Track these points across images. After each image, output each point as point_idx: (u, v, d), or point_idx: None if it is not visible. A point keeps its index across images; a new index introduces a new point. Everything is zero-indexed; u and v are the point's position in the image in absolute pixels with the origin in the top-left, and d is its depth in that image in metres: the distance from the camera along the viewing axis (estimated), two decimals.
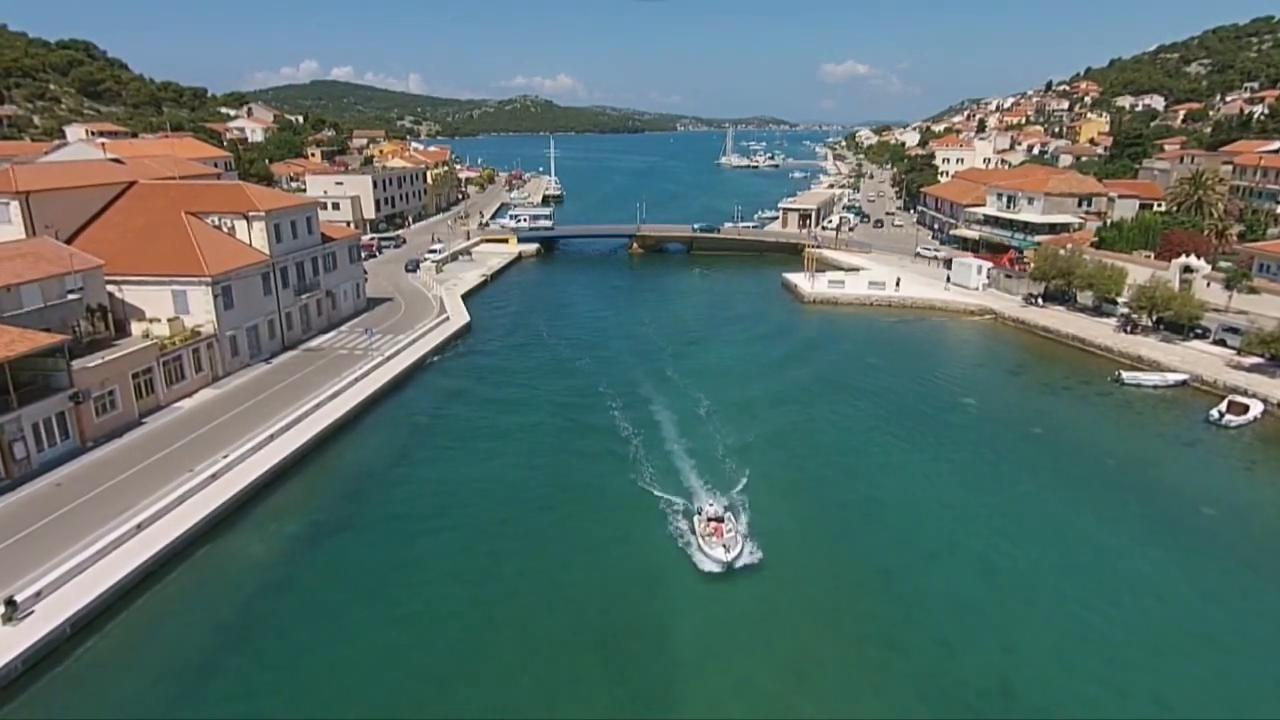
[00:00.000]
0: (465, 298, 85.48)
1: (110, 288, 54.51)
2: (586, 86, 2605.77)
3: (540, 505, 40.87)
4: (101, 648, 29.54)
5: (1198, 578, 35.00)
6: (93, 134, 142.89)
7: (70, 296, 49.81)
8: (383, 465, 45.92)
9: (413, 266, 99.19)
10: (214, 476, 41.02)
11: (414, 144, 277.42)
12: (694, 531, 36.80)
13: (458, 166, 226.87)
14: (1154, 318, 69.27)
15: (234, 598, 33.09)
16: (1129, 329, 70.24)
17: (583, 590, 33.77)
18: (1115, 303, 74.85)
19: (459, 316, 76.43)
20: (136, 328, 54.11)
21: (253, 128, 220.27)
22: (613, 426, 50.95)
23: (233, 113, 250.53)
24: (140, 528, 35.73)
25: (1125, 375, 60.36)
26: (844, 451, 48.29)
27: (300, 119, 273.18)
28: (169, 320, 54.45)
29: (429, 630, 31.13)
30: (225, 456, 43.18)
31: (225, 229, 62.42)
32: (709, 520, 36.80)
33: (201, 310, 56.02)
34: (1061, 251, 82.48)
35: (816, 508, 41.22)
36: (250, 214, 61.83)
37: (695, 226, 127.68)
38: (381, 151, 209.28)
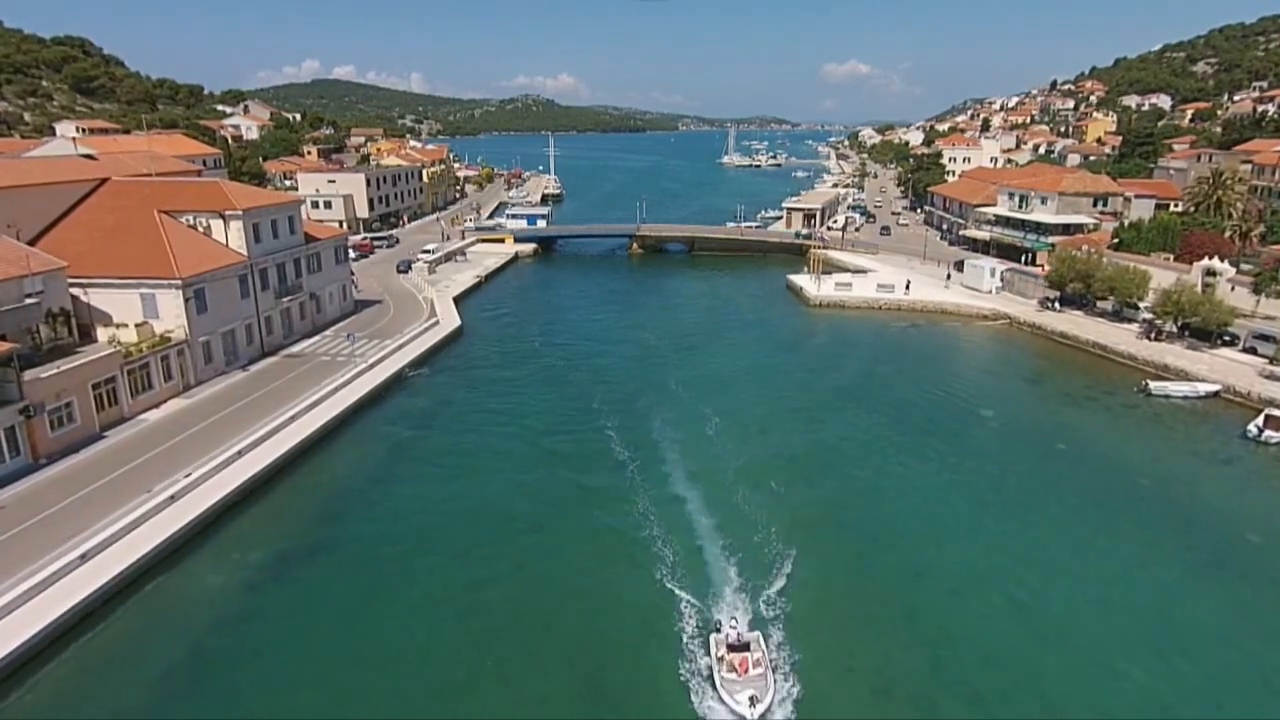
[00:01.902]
0: (457, 300, 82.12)
1: (75, 290, 51.15)
2: (588, 86, 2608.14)
3: (525, 541, 36.83)
4: (26, 703, 26.17)
5: (1254, 617, 31.59)
6: (83, 131, 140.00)
7: (29, 300, 46.40)
8: (359, 485, 42.54)
9: (405, 267, 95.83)
10: (173, 498, 37.71)
11: (413, 142, 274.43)
12: (709, 655, 27.96)
13: (456, 165, 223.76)
14: (1179, 323, 65.82)
15: (184, 639, 29.73)
16: (1152, 335, 66.80)
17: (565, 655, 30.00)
18: (1137, 307, 71.43)
19: (450, 320, 73.08)
20: (102, 333, 50.86)
21: (248, 125, 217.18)
22: (608, 453, 46.14)
23: (229, 110, 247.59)
24: (85, 558, 32.43)
25: (1152, 385, 56.94)
26: (858, 470, 44.71)
27: (298, 117, 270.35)
28: (137, 325, 51.14)
29: (396, 681, 27.75)
30: (187, 475, 39.88)
31: (201, 228, 59.11)
32: (729, 649, 27.39)
33: (172, 314, 52.70)
34: (1076, 253, 79.17)
35: (837, 547, 37.76)
36: (227, 212, 58.49)
37: (798, 233, 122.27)
38: (379, 150, 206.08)
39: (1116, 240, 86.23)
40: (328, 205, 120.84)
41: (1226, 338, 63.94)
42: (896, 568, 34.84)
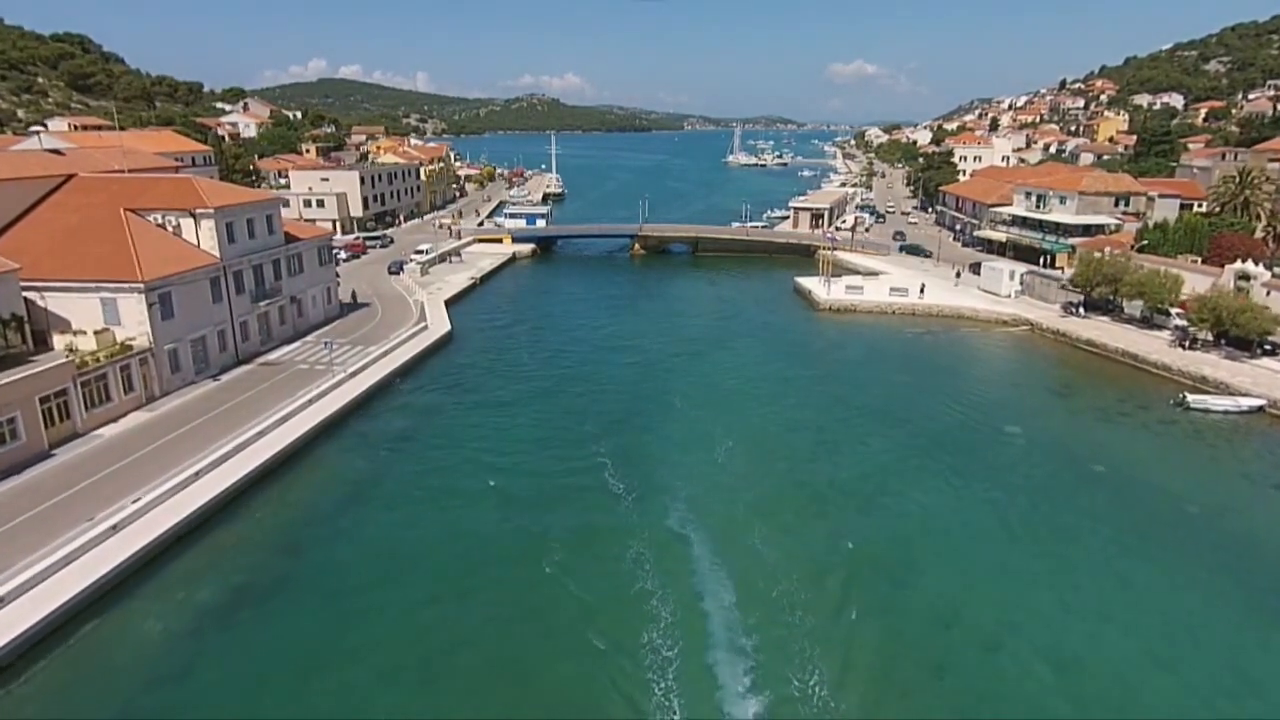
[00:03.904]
0: (449, 304, 78.25)
1: (31, 295, 47.63)
2: (594, 85, 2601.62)
3: (503, 584, 32.64)
4: None
5: None
6: (75, 127, 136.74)
7: None
8: (327, 511, 38.61)
9: (396, 268, 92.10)
10: (115, 528, 33.90)
11: (414, 140, 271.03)
12: None
13: (458, 164, 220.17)
14: (1215, 331, 61.64)
15: (111, 699, 25.96)
16: (1186, 344, 62.63)
17: None
18: (1168, 313, 67.22)
19: (439, 325, 69.19)
20: (59, 341, 47.12)
21: (246, 123, 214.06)
22: (603, 483, 41.15)
23: (228, 108, 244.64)
24: (2, 601, 28.63)
25: (1191, 399, 52.83)
26: (877, 498, 40.56)
27: (299, 115, 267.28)
28: (96, 333, 47.42)
29: None
30: (135, 500, 36.08)
31: (170, 227, 55.40)
32: None
33: (134, 320, 48.90)
34: (1097, 254, 75.04)
35: (855, 593, 33.81)
36: (197, 211, 54.73)
37: (914, 247, 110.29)
38: (379, 148, 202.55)
39: (1144, 242, 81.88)
40: (320, 204, 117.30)
41: (1267, 347, 59.78)
42: (923, 615, 30.79)
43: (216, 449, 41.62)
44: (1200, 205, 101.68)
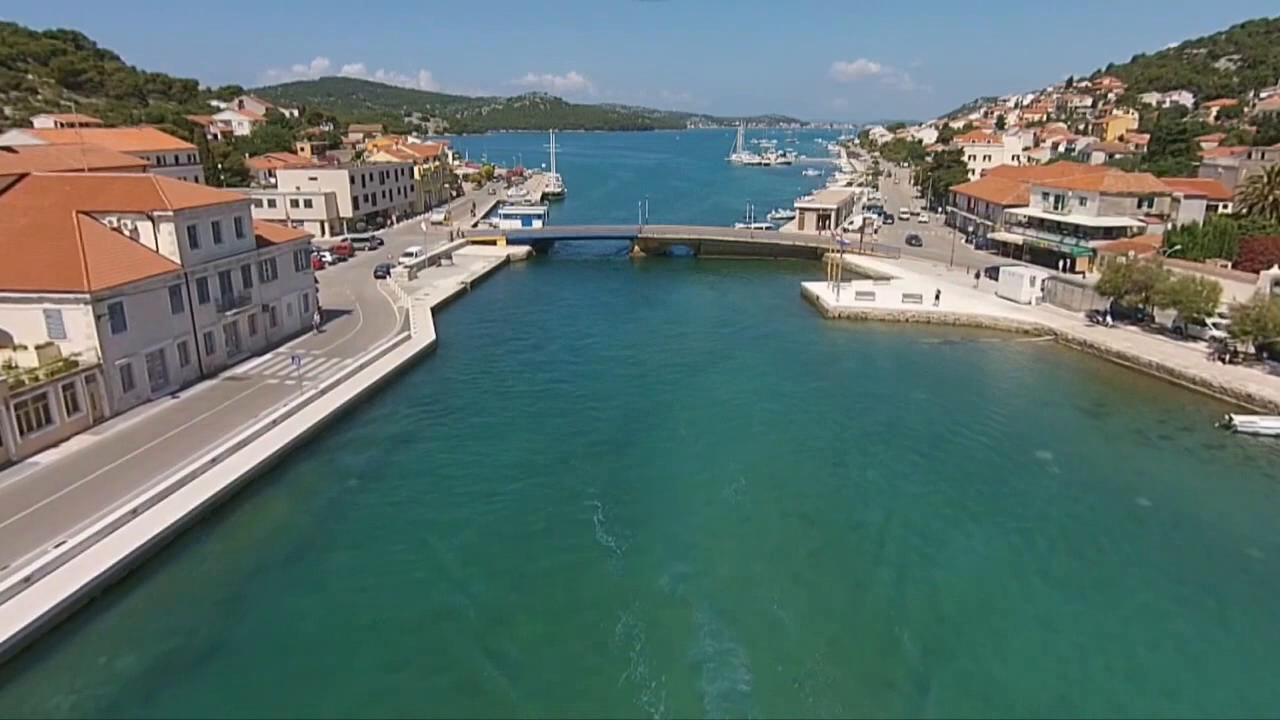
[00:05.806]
0: (436, 311, 73.79)
1: None
2: (597, 84, 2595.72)
3: (475, 652, 28.12)
4: None
5: None
6: (61, 125, 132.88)
7: None
8: (281, 554, 34.19)
9: (382, 272, 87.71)
10: (29, 580, 29.59)
11: (412, 139, 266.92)
12: None
13: (456, 162, 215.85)
14: (1258, 344, 57.14)
15: None
16: (1225, 357, 58.13)
17: None
18: (1203, 323, 62.67)
19: (424, 334, 64.78)
20: None
21: (240, 120, 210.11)
22: (590, 537, 35.96)
23: (223, 105, 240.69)
24: None
25: (1238, 420, 48.34)
26: (900, 539, 36.04)
27: (295, 113, 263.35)
28: (38, 347, 43.12)
29: None
30: (59, 545, 31.78)
31: (127, 231, 51.15)
32: None
33: (81, 334, 44.64)
34: (1122, 259, 70.55)
35: (882, 660, 29.44)
36: (155, 213, 50.44)
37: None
38: (375, 146, 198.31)
39: (1175, 246, 77.24)
40: (308, 204, 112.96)
41: None
42: (964, 691, 26.34)
43: (160, 480, 37.27)
44: (1225, 206, 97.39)
